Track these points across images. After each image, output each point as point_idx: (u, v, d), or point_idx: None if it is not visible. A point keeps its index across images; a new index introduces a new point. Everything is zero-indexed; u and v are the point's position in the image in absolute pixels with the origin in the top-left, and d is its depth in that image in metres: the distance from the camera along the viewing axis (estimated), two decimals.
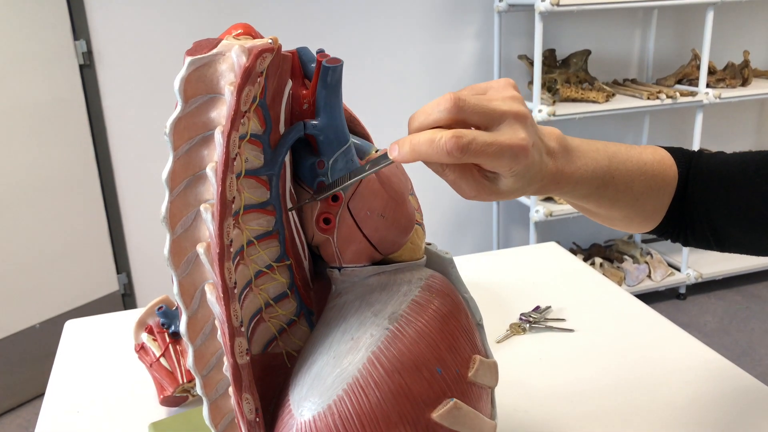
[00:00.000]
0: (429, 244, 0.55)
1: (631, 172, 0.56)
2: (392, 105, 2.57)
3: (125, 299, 2.44)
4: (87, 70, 2.20)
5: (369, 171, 0.46)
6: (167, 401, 0.73)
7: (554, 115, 2.27)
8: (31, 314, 2.14)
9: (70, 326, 0.95)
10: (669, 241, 0.63)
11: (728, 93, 2.49)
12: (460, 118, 0.43)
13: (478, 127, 0.45)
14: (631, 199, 0.57)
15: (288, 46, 0.47)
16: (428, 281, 0.49)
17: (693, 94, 2.45)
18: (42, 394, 2.18)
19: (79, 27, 2.16)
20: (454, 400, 0.44)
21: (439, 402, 0.44)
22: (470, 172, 0.45)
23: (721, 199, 0.59)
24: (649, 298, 2.63)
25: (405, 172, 0.52)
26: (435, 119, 0.43)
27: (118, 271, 2.39)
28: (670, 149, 0.61)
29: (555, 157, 0.49)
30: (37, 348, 2.14)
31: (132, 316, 0.97)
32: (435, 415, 0.43)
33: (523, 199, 2.51)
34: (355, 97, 2.48)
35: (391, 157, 0.44)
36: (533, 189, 0.48)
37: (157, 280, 2.46)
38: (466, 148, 0.42)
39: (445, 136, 0.41)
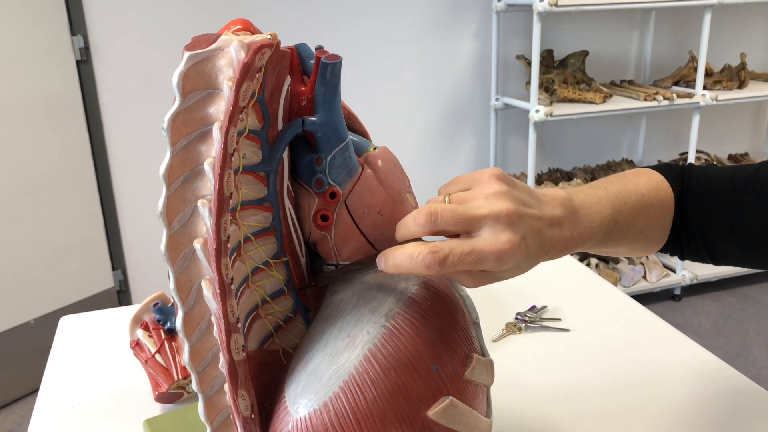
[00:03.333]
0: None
1: (632, 210, 0.56)
2: (390, 104, 2.57)
3: (120, 296, 2.43)
4: (84, 65, 2.19)
5: (358, 270, 0.48)
6: (162, 398, 0.73)
7: (551, 115, 2.27)
8: (26, 310, 2.13)
9: (65, 322, 0.95)
10: (668, 255, 0.64)
11: (725, 95, 2.50)
12: (437, 231, 0.44)
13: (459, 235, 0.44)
14: (634, 235, 0.57)
15: (286, 43, 0.46)
16: (425, 279, 0.49)
17: (690, 95, 2.46)
18: (36, 391, 2.17)
19: (76, 22, 2.15)
20: (450, 398, 0.44)
21: (435, 400, 0.44)
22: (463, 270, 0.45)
23: (712, 215, 0.59)
24: (644, 299, 2.63)
25: (403, 170, 0.52)
26: (413, 233, 0.44)
27: (114, 268, 2.38)
28: (662, 169, 0.61)
29: (561, 226, 0.48)
30: (31, 344, 2.14)
31: (127, 312, 0.97)
32: (431, 413, 0.43)
33: None
34: (352, 96, 2.48)
35: (380, 268, 0.45)
36: (541, 261, 0.48)
37: (152, 278, 2.46)
38: (444, 263, 0.42)
39: (422, 252, 0.42)
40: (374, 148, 0.51)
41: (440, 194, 0.48)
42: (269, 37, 0.43)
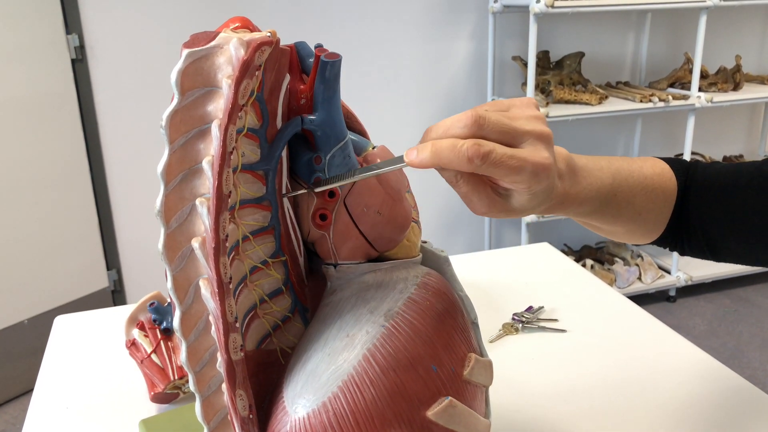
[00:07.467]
0: (425, 242, 0.55)
1: (633, 188, 0.56)
2: (386, 105, 2.57)
3: (115, 296, 2.42)
4: (79, 64, 2.18)
5: (378, 171, 0.45)
6: (158, 398, 0.73)
7: (547, 116, 2.28)
8: (20, 310, 2.12)
9: (60, 322, 0.94)
10: (667, 249, 0.64)
11: (720, 97, 2.51)
12: (481, 135, 0.43)
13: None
14: (633, 214, 0.57)
15: (282, 44, 0.46)
16: (424, 279, 0.49)
17: (685, 97, 2.46)
18: (30, 391, 2.16)
19: (71, 21, 2.14)
20: (450, 398, 0.44)
21: (434, 400, 0.44)
22: (483, 187, 0.45)
23: (715, 210, 0.59)
24: (639, 300, 2.64)
25: (402, 170, 0.52)
26: (454, 134, 0.43)
27: (108, 268, 2.37)
28: (668, 160, 0.62)
29: (563, 179, 0.50)
30: (25, 344, 2.13)
31: (122, 312, 0.96)
32: (430, 413, 0.43)
33: None
34: (349, 97, 2.48)
35: (407, 161, 0.43)
36: (542, 209, 0.48)
37: (147, 278, 2.45)
38: (487, 157, 0.42)
39: (467, 143, 0.42)
40: (373, 147, 0.51)
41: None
42: (268, 34, 0.43)
